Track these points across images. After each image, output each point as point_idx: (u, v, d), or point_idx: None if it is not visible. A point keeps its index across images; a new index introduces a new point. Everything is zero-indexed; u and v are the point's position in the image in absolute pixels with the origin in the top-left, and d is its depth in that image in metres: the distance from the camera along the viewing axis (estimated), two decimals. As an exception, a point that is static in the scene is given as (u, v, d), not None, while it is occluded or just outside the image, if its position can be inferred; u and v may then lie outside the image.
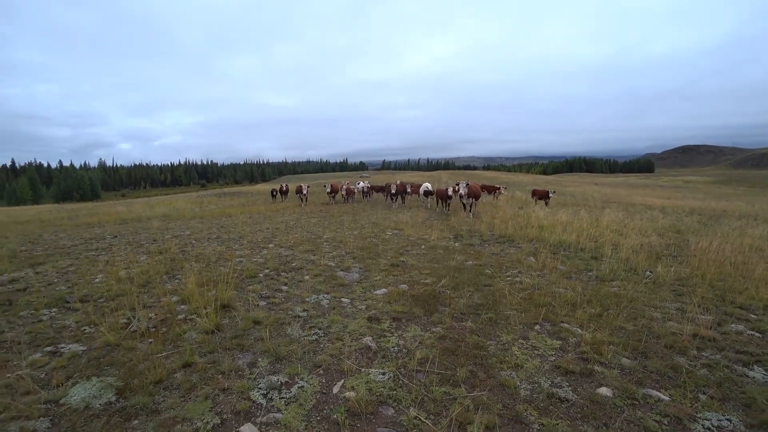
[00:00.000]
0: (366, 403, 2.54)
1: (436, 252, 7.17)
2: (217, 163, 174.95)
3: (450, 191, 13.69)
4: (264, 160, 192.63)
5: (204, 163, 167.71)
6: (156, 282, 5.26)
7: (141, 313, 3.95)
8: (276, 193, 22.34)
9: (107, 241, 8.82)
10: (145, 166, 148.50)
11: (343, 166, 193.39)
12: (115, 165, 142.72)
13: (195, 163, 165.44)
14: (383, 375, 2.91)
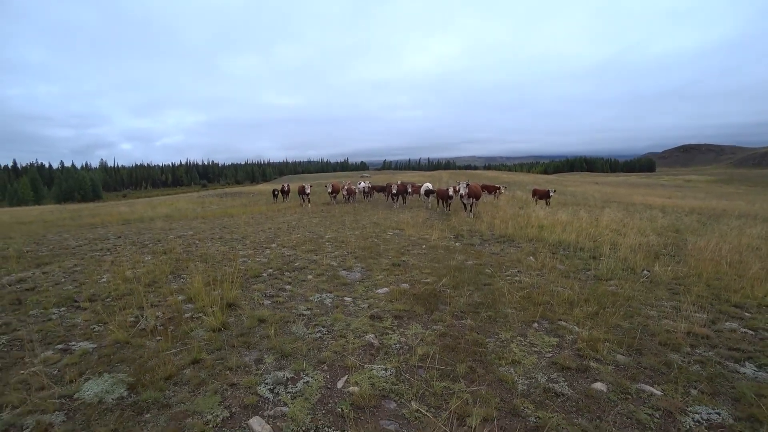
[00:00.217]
0: (369, 397, 2.64)
1: (436, 252, 7.26)
2: (218, 163, 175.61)
3: (450, 191, 13.75)
4: (265, 160, 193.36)
5: (205, 163, 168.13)
6: (162, 281, 5.36)
7: (149, 311, 4.05)
8: (277, 193, 22.44)
9: (111, 242, 8.92)
10: (147, 166, 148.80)
11: (343, 166, 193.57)
12: (117, 165, 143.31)
13: (196, 163, 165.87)
14: (386, 371, 3.00)
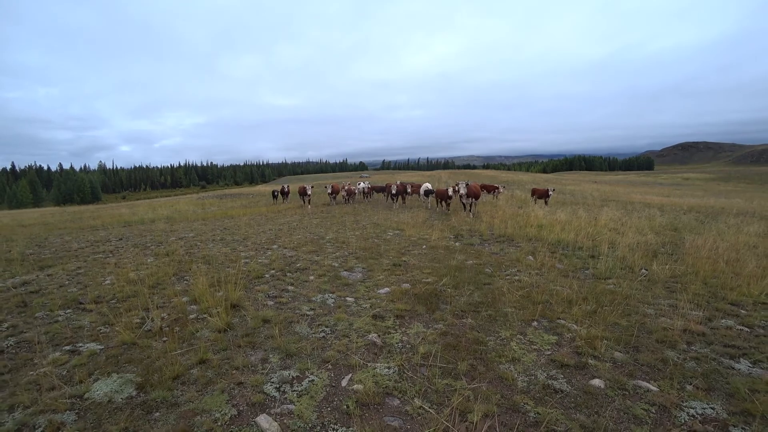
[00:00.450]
0: (373, 394, 2.71)
1: (436, 252, 7.32)
2: (217, 164, 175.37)
3: (450, 191, 13.82)
4: (264, 161, 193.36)
5: (204, 164, 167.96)
6: (165, 283, 5.42)
7: (154, 312, 4.11)
8: (277, 194, 22.48)
9: (113, 244, 8.97)
10: (145, 168, 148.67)
11: (342, 167, 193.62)
12: (115, 167, 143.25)
13: (195, 164, 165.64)
14: (389, 369, 3.07)
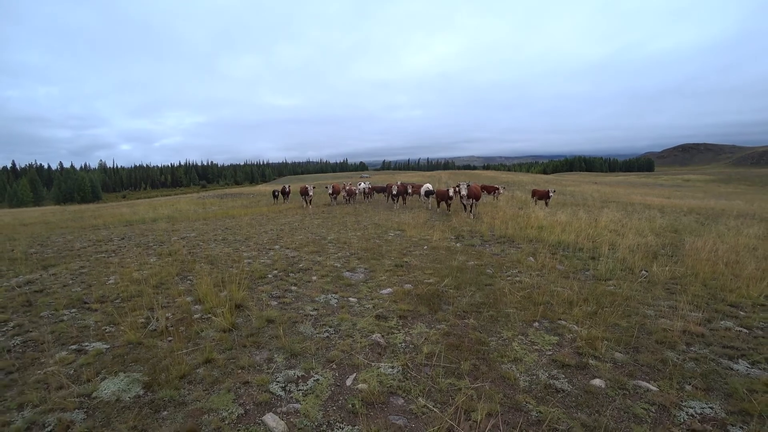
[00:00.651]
0: (378, 393, 2.75)
1: (438, 252, 7.36)
2: (218, 163, 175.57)
3: (451, 192, 13.87)
4: (264, 161, 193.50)
5: (204, 163, 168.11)
6: (169, 283, 5.46)
7: (159, 312, 4.15)
8: (278, 194, 22.52)
9: (115, 243, 9.01)
10: (146, 167, 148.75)
11: (342, 167, 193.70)
12: (116, 166, 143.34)
13: (195, 164, 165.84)
14: (393, 368, 3.11)
